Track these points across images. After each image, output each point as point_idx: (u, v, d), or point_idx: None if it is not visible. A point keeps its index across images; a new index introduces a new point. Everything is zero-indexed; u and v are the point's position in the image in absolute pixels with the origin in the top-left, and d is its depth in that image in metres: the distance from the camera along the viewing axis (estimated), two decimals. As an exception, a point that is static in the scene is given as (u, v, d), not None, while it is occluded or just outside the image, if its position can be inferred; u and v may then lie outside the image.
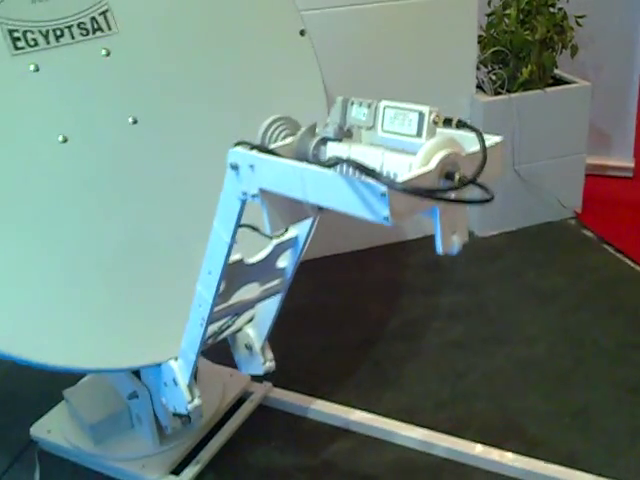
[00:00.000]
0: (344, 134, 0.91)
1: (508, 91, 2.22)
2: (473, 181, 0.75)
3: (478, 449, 1.58)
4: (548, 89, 2.23)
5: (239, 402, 1.74)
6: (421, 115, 0.81)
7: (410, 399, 1.78)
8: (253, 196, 0.93)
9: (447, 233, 0.78)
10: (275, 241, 1.14)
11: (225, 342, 1.45)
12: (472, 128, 0.81)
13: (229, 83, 1.53)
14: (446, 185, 0.76)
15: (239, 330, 1.40)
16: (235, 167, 0.94)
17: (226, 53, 1.53)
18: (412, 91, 2.18)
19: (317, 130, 0.94)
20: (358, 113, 0.87)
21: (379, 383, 1.84)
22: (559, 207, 2.39)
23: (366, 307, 2.15)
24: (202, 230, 1.12)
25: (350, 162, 0.76)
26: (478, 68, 2.25)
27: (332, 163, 0.80)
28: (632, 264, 2.23)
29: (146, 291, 1.35)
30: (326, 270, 2.27)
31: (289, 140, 0.95)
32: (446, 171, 0.77)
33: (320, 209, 0.96)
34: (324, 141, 0.92)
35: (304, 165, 0.84)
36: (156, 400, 1.47)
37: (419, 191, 0.71)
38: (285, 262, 1.23)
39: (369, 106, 0.87)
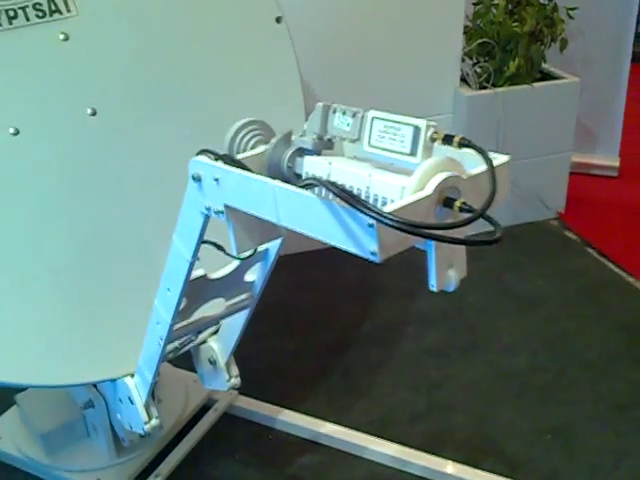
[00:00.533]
0: (324, 145, 0.79)
1: (494, 85, 2.11)
2: (482, 214, 0.64)
3: (454, 468, 1.50)
4: (536, 84, 2.13)
5: (202, 410, 1.65)
6: (417, 130, 0.70)
7: (383, 410, 1.69)
8: (217, 212, 0.81)
9: (443, 267, 0.68)
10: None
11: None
12: (478, 149, 0.69)
13: (198, 73, 1.40)
14: (443, 214, 0.65)
15: (203, 342, 1.29)
16: (198, 179, 0.82)
17: (195, 40, 1.40)
18: (392, 83, 2.08)
19: (293, 138, 0.82)
20: (341, 123, 0.76)
21: (351, 391, 1.75)
22: (542, 207, 2.30)
23: (339, 309, 2.05)
24: (168, 235, 1.01)
25: (331, 186, 0.65)
26: (463, 60, 2.13)
27: (309, 184, 0.69)
28: (616, 269, 2.15)
29: (102, 300, 1.24)
30: (297, 268, 2.16)
31: (261, 149, 0.83)
32: (444, 197, 0.65)
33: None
34: (300, 152, 0.80)
35: (277, 183, 0.72)
36: (113, 410, 1.36)
37: (414, 228, 0.60)
38: (254, 275, 1.11)
39: (354, 115, 0.75)
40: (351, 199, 0.63)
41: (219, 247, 0.90)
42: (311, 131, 0.80)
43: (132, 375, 1.22)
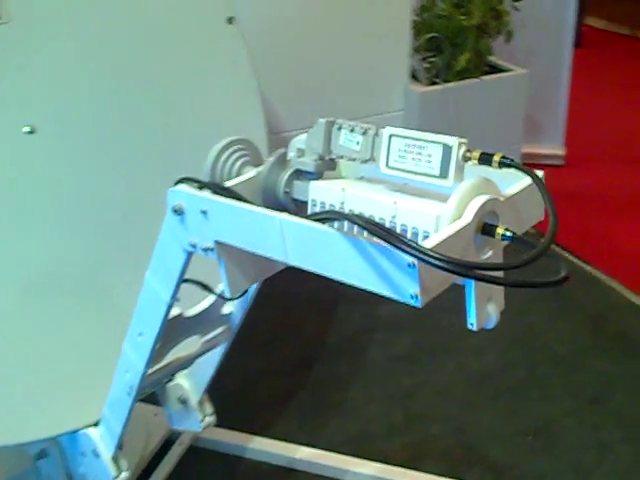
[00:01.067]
0: (326, 166, 0.71)
1: (444, 80, 2.06)
2: (544, 252, 0.57)
3: (440, 484, 1.44)
4: (485, 77, 2.10)
5: (166, 445, 1.53)
6: (447, 149, 0.62)
7: (359, 426, 1.62)
8: (206, 250, 0.71)
9: (482, 303, 0.60)
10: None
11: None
12: (525, 170, 0.62)
13: (146, 82, 1.28)
14: (480, 242, 0.57)
15: (170, 380, 1.18)
16: (179, 212, 0.71)
17: (141, 45, 1.29)
18: (341, 82, 2.00)
19: (289, 158, 0.73)
20: (349, 141, 0.67)
21: (323, 409, 1.67)
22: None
23: (301, 321, 1.97)
24: (130, 272, 0.90)
25: (360, 221, 0.56)
26: (412, 55, 2.08)
27: (327, 217, 0.60)
28: (574, 259, 2.14)
29: (53, 338, 1.11)
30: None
31: (252, 173, 0.73)
32: (483, 223, 0.58)
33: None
34: (298, 174, 0.71)
35: (284, 216, 0.63)
36: (73, 462, 1.23)
37: (468, 270, 0.52)
38: (232, 307, 1.01)
39: (365, 133, 0.67)
40: (387, 235, 0.54)
41: (205, 287, 0.80)
42: (311, 150, 0.71)
43: (96, 424, 1.10)
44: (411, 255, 0.54)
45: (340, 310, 2.00)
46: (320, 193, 0.70)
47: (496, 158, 0.64)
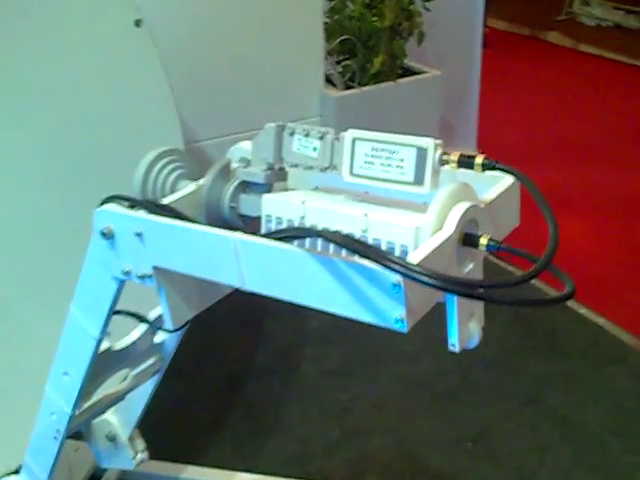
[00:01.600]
0: (276, 176, 0.63)
1: (360, 84, 2.03)
2: (547, 265, 0.51)
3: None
4: (400, 80, 2.07)
5: (92, 481, 1.40)
6: (421, 152, 0.56)
7: (296, 445, 1.56)
8: (142, 277, 0.62)
9: (465, 321, 0.55)
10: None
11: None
12: (513, 172, 0.57)
13: (52, 90, 1.17)
14: (462, 254, 0.51)
15: (99, 414, 1.07)
16: (108, 235, 0.62)
17: (42, 48, 1.18)
18: (255, 88, 1.93)
19: (233, 169, 0.65)
20: (304, 147, 0.60)
21: (257, 430, 1.59)
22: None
23: (227, 339, 1.88)
24: (47, 297, 0.80)
25: (332, 236, 0.49)
26: (325, 59, 2.03)
27: (293, 235, 0.53)
28: (499, 261, 2.15)
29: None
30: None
31: (191, 187, 0.65)
32: (464, 233, 0.53)
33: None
34: (244, 187, 0.64)
35: (239, 236, 0.55)
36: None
37: (468, 289, 0.46)
38: (164, 335, 0.92)
39: (322, 137, 0.60)
40: (371, 252, 0.47)
41: (141, 318, 0.71)
42: (260, 159, 0.63)
43: (16, 472, 0.99)
44: (402, 274, 0.47)
45: (266, 325, 1.93)
46: (276, 207, 0.62)
47: (478, 160, 0.58)
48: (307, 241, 0.56)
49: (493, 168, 0.58)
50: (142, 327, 0.87)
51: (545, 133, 3.09)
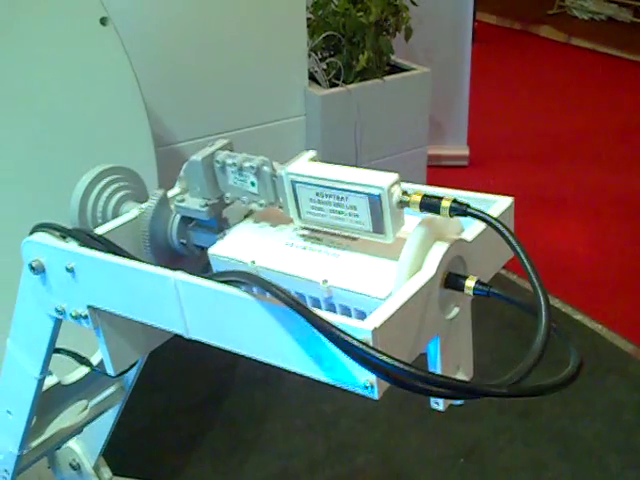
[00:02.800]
0: (220, 207, 0.55)
1: (345, 82, 1.94)
2: (539, 359, 0.44)
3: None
4: (387, 78, 1.99)
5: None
6: (374, 200, 0.46)
7: (279, 461, 1.49)
8: (77, 317, 0.54)
9: (451, 372, 0.47)
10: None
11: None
12: (484, 219, 0.46)
13: (11, 89, 1.09)
14: (444, 296, 0.44)
15: (58, 447, 0.99)
16: (38, 269, 0.54)
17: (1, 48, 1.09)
18: (237, 89, 1.85)
19: (170, 199, 0.57)
20: (241, 182, 0.52)
21: (239, 446, 1.53)
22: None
23: (206, 349, 1.79)
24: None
25: (280, 294, 0.41)
26: (309, 56, 1.95)
27: (237, 280, 0.45)
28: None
29: None
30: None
31: (132, 213, 0.57)
32: (447, 273, 0.45)
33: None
34: (190, 220, 0.56)
35: (183, 277, 0.47)
36: None
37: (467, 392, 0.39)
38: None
39: (257, 172, 0.51)
40: (325, 327, 0.39)
41: (83, 360, 0.63)
42: (195, 194, 0.55)
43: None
44: (369, 369, 0.39)
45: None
46: (223, 266, 0.54)
47: (445, 204, 0.47)
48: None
49: (464, 214, 0.47)
50: (97, 356, 0.79)
51: (537, 130, 3.02)
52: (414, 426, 1.56)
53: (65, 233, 0.54)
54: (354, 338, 0.41)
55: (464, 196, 0.54)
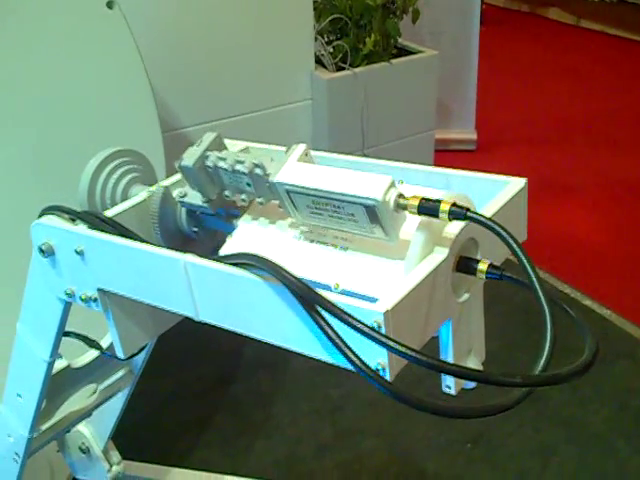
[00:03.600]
0: (222, 201, 0.54)
1: (351, 65, 1.93)
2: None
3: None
4: (394, 61, 1.98)
5: (73, 486, 1.35)
6: (371, 209, 0.45)
7: (286, 446, 1.49)
8: (86, 300, 0.54)
9: (462, 358, 0.47)
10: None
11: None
12: (486, 224, 0.44)
13: (18, 75, 1.09)
14: (455, 281, 0.43)
15: (68, 431, 1.00)
16: (48, 252, 0.54)
17: (8, 33, 1.09)
18: (242, 73, 1.84)
19: (175, 194, 0.56)
20: (237, 182, 0.51)
21: (246, 429, 1.53)
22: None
23: (213, 334, 1.79)
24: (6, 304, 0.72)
25: (291, 282, 0.41)
26: (315, 39, 1.93)
27: (247, 262, 0.44)
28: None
29: None
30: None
31: (142, 195, 0.56)
32: (459, 256, 0.44)
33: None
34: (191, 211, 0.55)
35: (193, 259, 0.46)
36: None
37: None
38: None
39: (250, 172, 0.50)
40: (343, 315, 0.39)
41: (92, 343, 0.63)
42: (195, 191, 0.54)
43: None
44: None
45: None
46: (241, 240, 0.53)
47: (444, 207, 0.44)
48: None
49: (464, 218, 0.45)
50: (107, 339, 0.79)
51: (546, 114, 2.99)
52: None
53: (74, 216, 0.54)
54: (364, 324, 0.40)
55: (477, 177, 0.53)
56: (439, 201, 0.45)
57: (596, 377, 1.60)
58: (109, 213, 0.55)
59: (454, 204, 0.45)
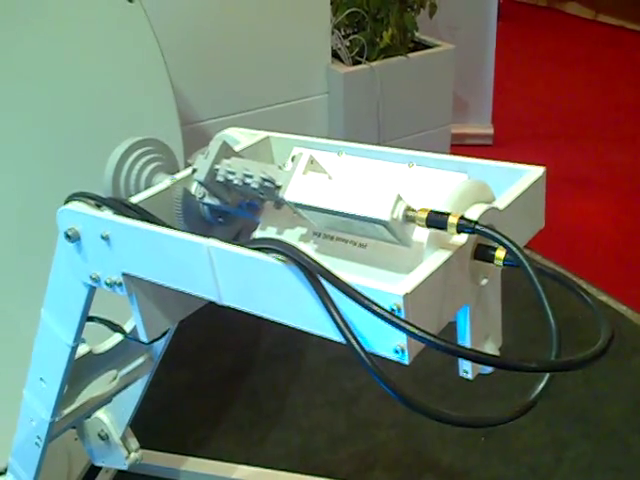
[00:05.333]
0: (244, 197, 0.56)
1: (368, 59, 1.93)
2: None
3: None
4: (411, 55, 1.98)
5: (92, 473, 1.37)
6: (381, 227, 0.46)
7: (300, 436, 1.50)
8: (111, 284, 0.55)
9: (479, 343, 0.47)
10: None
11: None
12: (494, 237, 0.45)
13: (40, 68, 1.11)
14: (475, 270, 0.44)
15: (88, 416, 1.01)
16: (74, 237, 0.55)
17: (31, 27, 1.11)
18: (259, 66, 1.85)
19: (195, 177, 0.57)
20: (249, 190, 0.52)
21: (261, 420, 1.54)
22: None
23: (230, 325, 1.82)
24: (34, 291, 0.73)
25: (313, 266, 0.42)
26: (332, 33, 1.94)
27: (270, 247, 0.45)
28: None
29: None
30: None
31: (165, 183, 0.57)
32: (477, 244, 0.45)
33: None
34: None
35: (216, 244, 0.47)
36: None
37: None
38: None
39: (260, 187, 0.51)
40: (362, 299, 0.40)
41: (116, 327, 0.64)
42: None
43: (3, 473, 0.94)
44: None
45: (272, 311, 1.87)
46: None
47: (452, 220, 0.45)
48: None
49: (473, 232, 0.46)
50: (129, 324, 0.81)
51: (563, 109, 2.98)
52: (435, 404, 1.56)
53: (100, 202, 0.55)
54: (383, 308, 0.41)
55: (494, 165, 0.54)
56: (448, 214, 0.46)
57: (611, 372, 1.60)
58: (134, 199, 0.57)
59: (462, 217, 0.46)
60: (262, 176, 0.52)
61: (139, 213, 0.54)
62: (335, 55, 1.96)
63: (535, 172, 0.53)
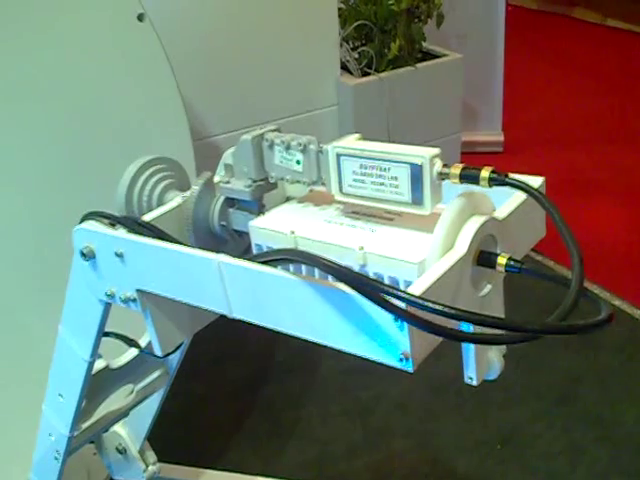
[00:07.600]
0: (264, 189, 0.57)
1: (377, 70, 1.95)
2: (575, 304, 0.45)
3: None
4: (419, 65, 1.99)
5: (109, 487, 1.38)
6: (416, 169, 0.49)
7: (316, 447, 1.51)
8: (126, 300, 0.57)
9: (483, 350, 0.48)
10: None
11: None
12: (522, 187, 0.49)
13: (51, 85, 1.13)
14: (475, 274, 0.45)
15: (106, 430, 1.03)
16: (89, 256, 0.57)
17: (41, 44, 1.13)
18: (268, 79, 1.87)
19: (216, 181, 0.59)
20: (287, 160, 0.54)
21: (277, 431, 1.55)
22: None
23: (245, 337, 1.83)
24: (50, 306, 0.75)
25: (326, 264, 0.43)
26: (340, 45, 1.96)
27: (282, 258, 0.47)
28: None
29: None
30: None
31: (177, 200, 0.59)
32: (479, 251, 0.46)
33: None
34: (232, 201, 0.58)
35: (226, 259, 0.49)
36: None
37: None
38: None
39: (304, 150, 0.53)
40: (369, 290, 0.41)
41: (131, 342, 0.66)
42: (241, 173, 0.57)
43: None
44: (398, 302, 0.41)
45: (286, 322, 1.88)
46: (264, 238, 0.56)
47: (484, 174, 0.49)
48: (304, 266, 0.50)
49: (503, 183, 0.49)
50: (144, 339, 0.82)
51: (572, 113, 2.98)
52: (450, 412, 1.57)
53: (114, 220, 0.57)
54: (408, 293, 0.42)
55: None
56: (480, 168, 0.49)
57: (626, 377, 1.59)
58: (146, 217, 0.58)
59: (494, 171, 0.49)
60: (310, 137, 0.55)
61: (152, 231, 0.56)
62: (344, 67, 1.98)
63: (534, 182, 0.54)
